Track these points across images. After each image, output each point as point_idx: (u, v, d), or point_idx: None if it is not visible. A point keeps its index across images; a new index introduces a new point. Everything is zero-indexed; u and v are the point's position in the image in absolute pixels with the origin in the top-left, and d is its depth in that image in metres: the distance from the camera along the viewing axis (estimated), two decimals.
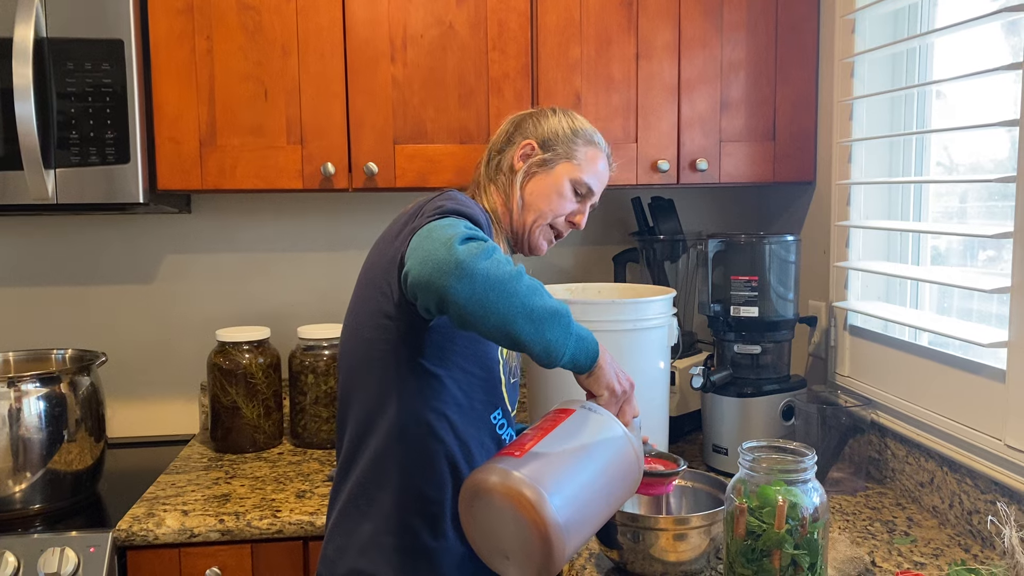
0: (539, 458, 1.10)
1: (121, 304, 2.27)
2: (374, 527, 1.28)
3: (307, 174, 1.90)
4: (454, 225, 1.12)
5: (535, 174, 1.49)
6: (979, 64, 1.62)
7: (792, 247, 1.86)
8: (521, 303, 1.08)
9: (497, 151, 1.53)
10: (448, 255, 1.06)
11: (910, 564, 1.40)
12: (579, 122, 1.54)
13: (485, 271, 1.05)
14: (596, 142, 1.54)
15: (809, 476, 1.14)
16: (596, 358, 1.18)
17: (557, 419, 1.19)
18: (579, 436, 1.16)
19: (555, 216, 1.49)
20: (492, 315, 1.07)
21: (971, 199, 1.72)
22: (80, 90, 1.76)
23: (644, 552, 1.34)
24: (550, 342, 1.10)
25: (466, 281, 1.05)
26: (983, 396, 1.48)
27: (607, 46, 1.96)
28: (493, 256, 1.08)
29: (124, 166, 1.79)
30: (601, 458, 1.15)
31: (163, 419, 2.31)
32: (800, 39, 2.01)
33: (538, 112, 1.55)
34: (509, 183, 1.50)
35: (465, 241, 1.08)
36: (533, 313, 1.08)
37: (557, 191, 1.48)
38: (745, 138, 2.02)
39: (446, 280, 1.05)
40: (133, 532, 1.63)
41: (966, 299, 1.71)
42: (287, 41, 1.88)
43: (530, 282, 1.11)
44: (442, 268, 1.05)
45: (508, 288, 1.07)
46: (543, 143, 1.50)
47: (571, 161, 1.50)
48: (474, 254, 1.06)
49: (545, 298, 1.11)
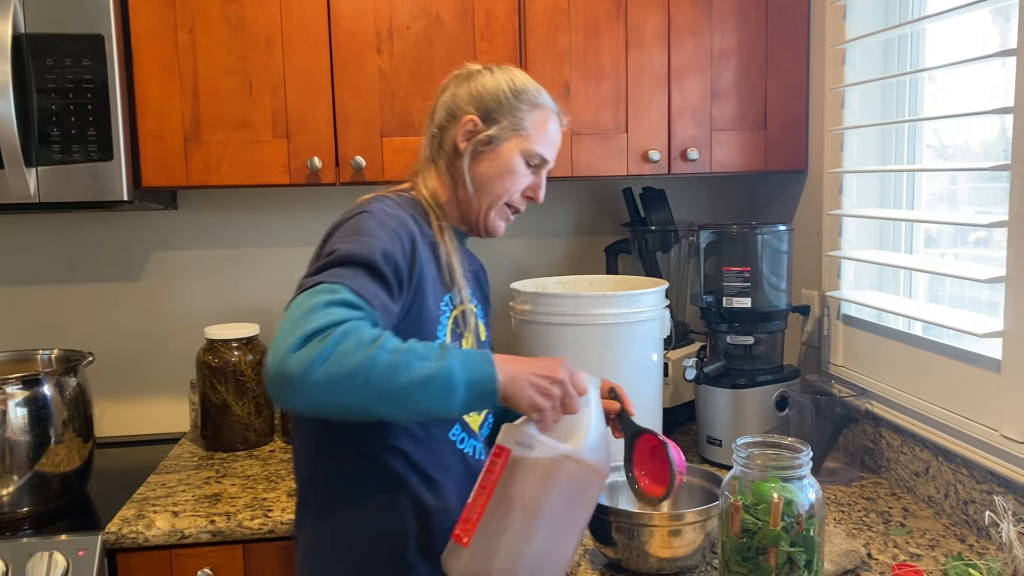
0: (484, 541, 1.08)
1: (108, 303, 2.25)
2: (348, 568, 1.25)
3: (294, 169, 1.88)
4: (309, 312, 1.02)
5: (482, 154, 1.35)
6: (970, 50, 1.61)
7: (784, 236, 1.85)
8: (375, 392, 1.00)
9: (439, 128, 1.40)
10: (281, 367, 0.98)
11: (906, 556, 1.39)
12: (520, 80, 1.39)
13: (324, 378, 0.97)
14: (542, 103, 1.39)
15: (804, 472, 1.13)
16: (495, 392, 1.07)
17: (493, 474, 1.11)
18: (518, 491, 1.09)
19: (510, 196, 1.38)
20: (349, 412, 1.02)
21: (962, 181, 1.72)
22: (61, 86, 1.73)
23: (639, 548, 1.33)
24: (428, 409, 1.04)
25: (304, 395, 0.99)
26: (978, 385, 1.47)
27: (596, 35, 1.94)
28: (337, 349, 0.99)
29: (108, 163, 1.76)
30: (547, 504, 1.10)
31: (152, 418, 2.28)
32: (790, 26, 1.99)
33: (474, 74, 1.39)
34: (454, 165, 1.37)
35: (305, 341, 0.99)
36: (394, 395, 1.01)
37: (508, 169, 1.36)
38: (736, 127, 2.00)
39: (283, 397, 1.00)
40: (123, 534, 1.61)
41: (958, 285, 1.70)
42: (271, 34, 1.85)
43: (388, 361, 1.01)
44: (276, 383, 0.99)
45: (355, 383, 0.99)
46: (486, 116, 1.35)
47: (519, 132, 1.36)
48: (308, 361, 0.97)
49: (410, 369, 1.02)
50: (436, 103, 1.42)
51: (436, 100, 1.43)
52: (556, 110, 1.42)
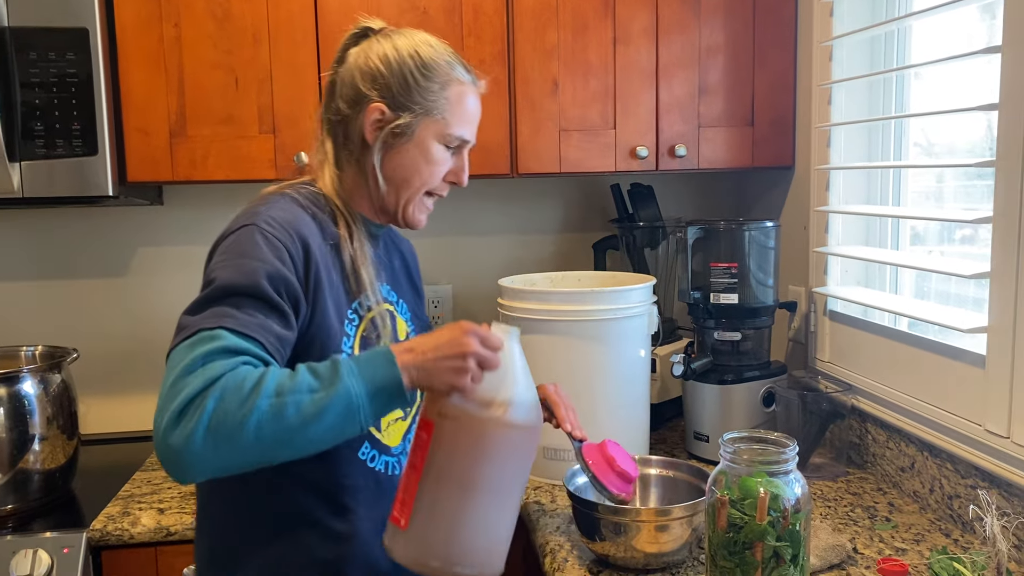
0: (423, 520, 1.05)
1: (93, 299, 2.23)
2: None
3: (280, 164, 1.87)
4: (184, 374, 0.95)
5: (393, 146, 1.22)
6: (956, 46, 1.61)
7: (771, 233, 1.85)
8: (270, 442, 0.94)
9: (339, 115, 1.24)
10: (164, 448, 0.93)
11: (891, 550, 1.40)
12: (427, 52, 1.22)
13: (210, 446, 0.92)
14: (456, 77, 1.24)
15: (790, 467, 1.13)
16: (403, 391, 1.00)
17: (421, 449, 1.06)
18: (449, 464, 1.05)
19: (430, 185, 1.26)
20: (252, 466, 0.97)
21: (948, 179, 1.72)
22: (45, 80, 1.72)
23: (626, 544, 1.33)
24: (336, 437, 0.98)
25: (196, 467, 0.94)
26: (963, 381, 1.48)
27: (584, 31, 1.94)
28: (215, 413, 0.92)
29: (92, 158, 1.75)
30: (481, 471, 1.05)
31: (138, 415, 2.27)
32: (778, 22, 1.99)
33: (374, 43, 1.23)
34: (363, 158, 1.23)
35: (180, 414, 0.93)
36: (292, 439, 0.95)
37: (425, 159, 1.23)
38: (724, 123, 2.00)
39: (177, 474, 0.95)
40: (108, 532, 1.60)
41: (943, 282, 1.71)
42: (257, 29, 1.84)
43: (272, 407, 0.94)
44: (166, 462, 0.94)
45: (244, 442, 0.93)
46: (393, 101, 1.20)
47: (432, 117, 1.22)
48: (187, 435, 0.92)
49: (300, 408, 0.95)
50: (332, 76, 1.26)
51: (332, 70, 1.27)
52: (472, 80, 1.27)
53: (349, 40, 1.27)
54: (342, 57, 1.26)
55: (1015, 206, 1.32)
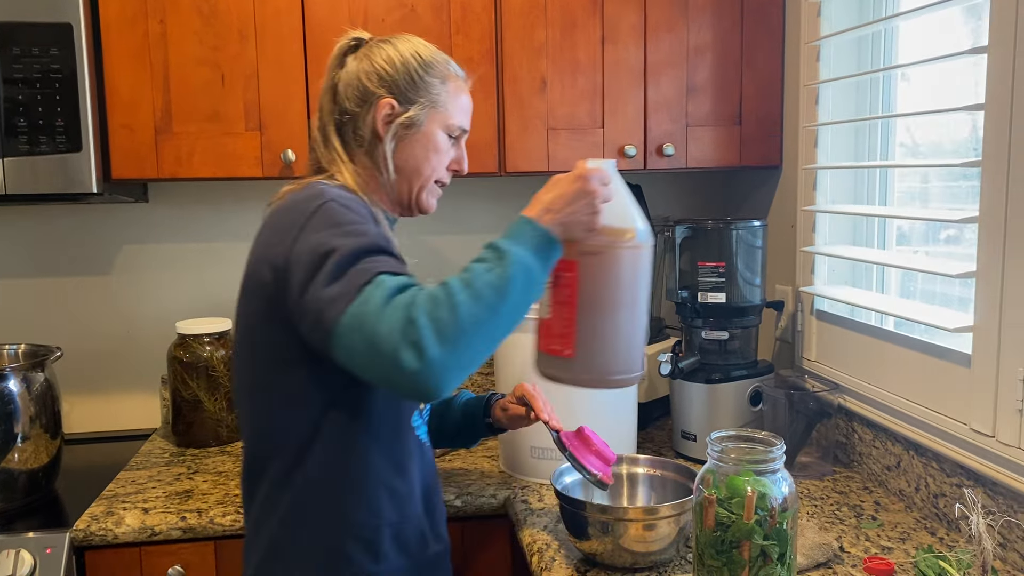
0: (583, 346, 1.19)
1: (76, 297, 2.21)
2: (315, 567, 1.22)
3: (267, 161, 1.86)
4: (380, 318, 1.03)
5: (404, 137, 1.31)
6: (943, 47, 1.62)
7: (759, 232, 1.85)
8: (485, 327, 1.05)
9: (347, 115, 1.32)
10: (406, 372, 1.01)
11: (877, 548, 1.41)
12: (426, 52, 1.34)
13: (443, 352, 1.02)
14: (451, 72, 1.35)
15: (778, 466, 1.13)
16: (554, 241, 1.13)
17: (570, 287, 1.20)
18: (598, 292, 1.19)
19: (438, 173, 1.36)
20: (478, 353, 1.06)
21: (933, 179, 1.73)
22: (28, 76, 1.70)
23: (614, 542, 1.33)
24: (525, 299, 1.10)
25: (443, 375, 1.03)
26: (949, 380, 1.48)
27: (572, 29, 1.93)
28: (431, 321, 1.02)
29: (76, 154, 1.73)
30: (624, 293, 1.20)
31: (123, 414, 2.25)
32: (766, 22, 2.00)
33: (373, 48, 1.33)
34: (374, 151, 1.32)
35: (403, 342, 1.01)
36: (496, 313, 1.06)
37: (434, 148, 1.33)
38: (712, 122, 2.01)
39: (431, 388, 1.03)
40: (91, 532, 1.59)
41: (930, 282, 1.72)
42: (244, 25, 1.83)
43: (468, 297, 1.04)
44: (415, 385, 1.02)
45: (466, 333, 1.03)
46: (401, 96, 1.30)
47: (436, 108, 1.32)
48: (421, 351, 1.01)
49: (490, 286, 1.06)
50: (333, 80, 1.34)
51: (331, 76, 1.35)
52: (464, 76, 1.39)
53: (347, 48, 1.35)
54: (340, 63, 1.34)
55: (1000, 206, 1.33)
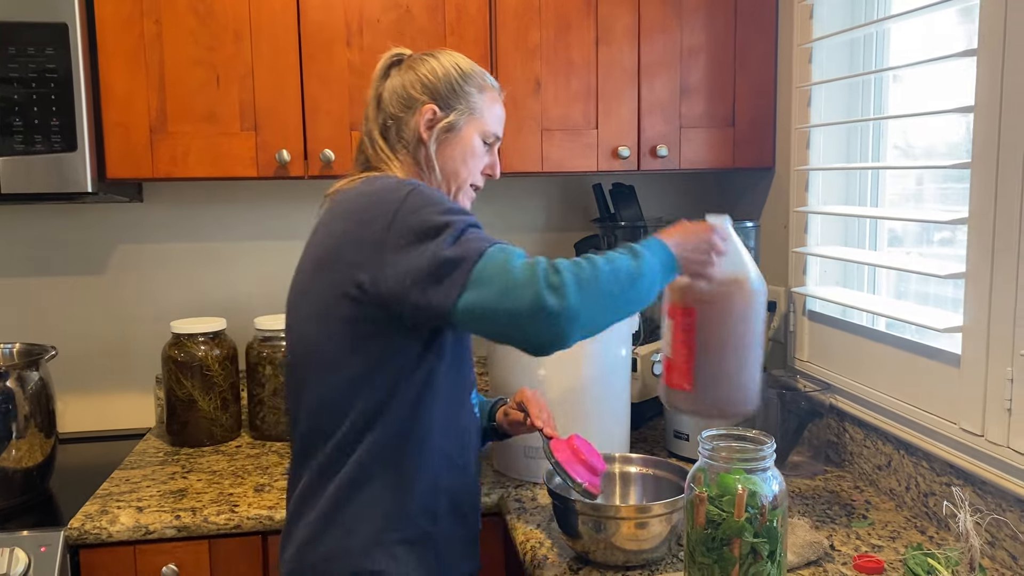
0: (701, 380, 1.31)
1: (72, 296, 2.21)
2: (375, 527, 1.27)
3: (262, 162, 1.86)
4: (514, 270, 1.13)
5: (444, 141, 1.40)
6: (935, 49, 1.63)
7: (751, 233, 1.86)
8: (620, 298, 1.16)
9: (391, 120, 1.42)
10: (544, 311, 1.10)
11: (868, 547, 1.42)
12: (465, 64, 1.44)
13: (582, 302, 1.12)
14: (487, 83, 1.45)
15: (768, 464, 1.14)
16: (676, 268, 1.24)
17: (689, 330, 1.32)
18: (717, 333, 1.31)
19: (474, 177, 1.45)
20: (605, 319, 1.17)
21: (927, 181, 1.74)
22: (24, 75, 1.70)
23: (606, 541, 1.34)
24: (647, 296, 1.20)
25: (576, 322, 1.12)
26: (938, 380, 1.50)
27: (567, 30, 1.94)
28: (576, 276, 1.12)
29: (72, 154, 1.73)
30: (741, 334, 1.32)
31: (117, 413, 2.26)
32: (759, 24, 2.01)
33: (417, 61, 1.43)
34: (417, 154, 1.41)
35: (547, 286, 1.10)
36: (628, 295, 1.17)
37: (471, 152, 1.42)
38: (705, 124, 2.02)
39: (561, 334, 1.12)
40: (86, 530, 1.59)
41: (923, 283, 1.73)
42: (239, 25, 1.83)
43: (610, 270, 1.15)
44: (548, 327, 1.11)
45: (604, 297, 1.14)
46: (443, 102, 1.40)
47: (474, 115, 1.42)
48: (564, 296, 1.10)
49: (628, 270, 1.17)
50: (378, 90, 1.44)
51: (375, 88, 1.44)
52: (498, 88, 1.48)
53: (390, 63, 1.45)
54: (385, 75, 1.44)
55: (990, 207, 1.34)
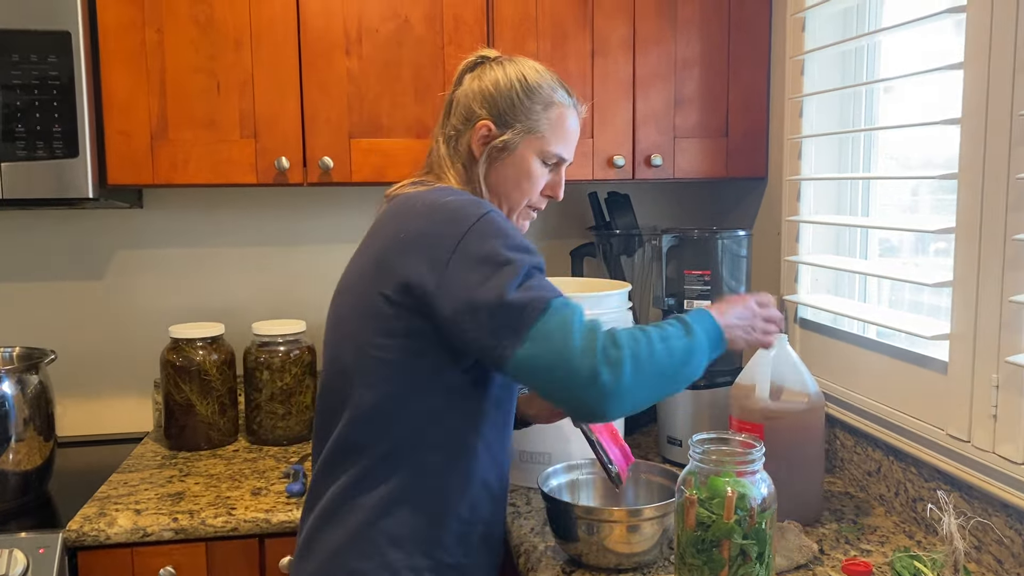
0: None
1: (71, 301, 2.23)
2: (406, 552, 1.22)
3: (261, 168, 1.89)
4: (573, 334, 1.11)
5: (497, 159, 1.34)
6: (925, 61, 1.66)
7: (743, 242, 1.89)
8: (669, 378, 1.16)
9: (455, 130, 1.38)
10: (595, 386, 1.09)
11: (857, 551, 1.44)
12: (533, 76, 1.36)
13: (635, 382, 1.11)
14: (557, 100, 1.36)
15: (757, 467, 1.17)
16: (723, 340, 1.23)
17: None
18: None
19: (529, 198, 1.38)
20: (652, 396, 1.17)
21: (922, 193, 1.76)
22: (26, 82, 1.72)
23: (599, 544, 1.36)
24: (693, 375, 1.20)
25: (626, 399, 1.11)
26: (927, 387, 1.52)
27: (563, 42, 1.97)
28: (633, 355, 1.12)
29: (73, 160, 1.75)
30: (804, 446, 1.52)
31: (116, 417, 2.27)
32: (752, 37, 2.04)
33: (485, 69, 1.37)
34: (471, 170, 1.36)
35: (604, 359, 1.10)
36: (677, 372, 1.16)
37: (526, 174, 1.35)
38: (699, 134, 2.05)
39: (607, 409, 1.11)
40: (84, 532, 1.61)
41: (916, 292, 1.75)
42: (240, 34, 1.86)
43: (664, 349, 1.15)
44: (598, 399, 1.11)
45: (654, 378, 1.14)
46: (499, 119, 1.33)
47: (534, 135, 1.34)
48: (618, 373, 1.10)
49: (680, 349, 1.16)
50: (452, 95, 1.40)
51: (451, 93, 1.41)
52: (572, 103, 1.39)
53: (466, 67, 1.40)
54: (459, 80, 1.40)
55: (975, 217, 1.37)
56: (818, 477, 1.57)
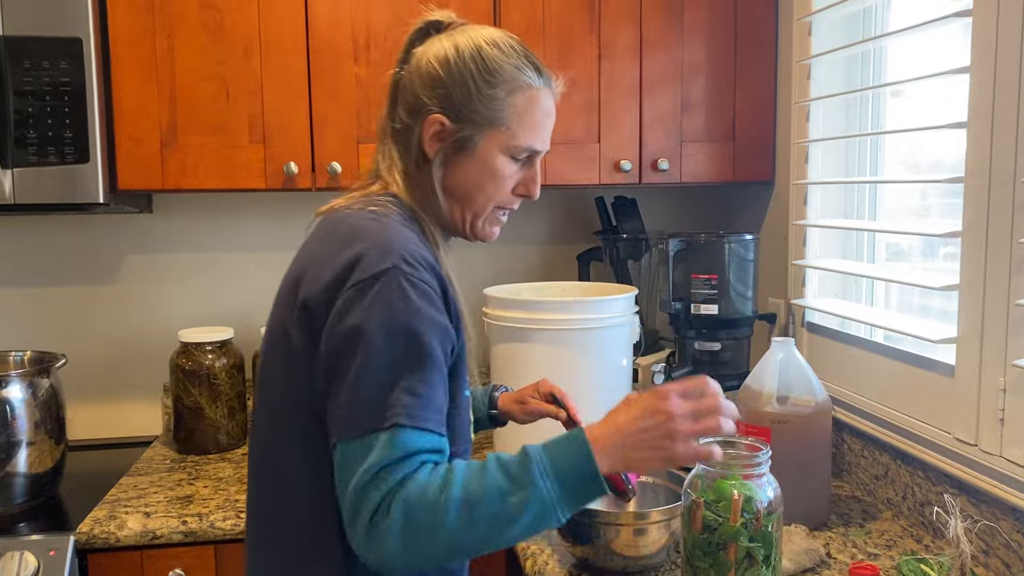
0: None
1: (82, 305, 2.25)
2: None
3: (270, 174, 1.90)
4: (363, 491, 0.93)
5: (455, 160, 1.11)
6: (931, 65, 1.66)
7: (751, 246, 1.89)
8: (464, 549, 0.95)
9: (400, 126, 1.14)
10: (364, 551, 0.95)
11: (864, 555, 1.44)
12: (492, 54, 1.09)
13: (406, 556, 0.93)
14: (523, 83, 1.11)
15: (764, 470, 1.17)
16: (599, 478, 0.96)
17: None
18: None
19: (497, 201, 1.15)
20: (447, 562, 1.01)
21: (932, 196, 1.76)
22: (38, 88, 1.74)
23: (605, 547, 1.36)
24: (528, 533, 0.96)
25: (398, 570, 0.95)
26: (934, 391, 1.52)
27: (570, 47, 1.98)
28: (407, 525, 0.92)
29: (84, 165, 1.77)
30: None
31: (125, 421, 2.28)
32: (758, 41, 2.04)
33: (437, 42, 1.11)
34: (422, 172, 1.12)
35: (371, 525, 0.92)
36: (482, 543, 0.95)
37: (490, 174, 1.11)
38: (705, 138, 2.05)
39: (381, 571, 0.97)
40: (94, 535, 1.62)
41: (925, 296, 1.74)
42: (249, 40, 1.87)
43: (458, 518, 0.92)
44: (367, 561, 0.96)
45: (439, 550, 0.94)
46: (453, 111, 1.09)
47: (497, 127, 1.10)
48: (386, 549, 0.92)
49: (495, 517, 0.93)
50: (398, 76, 1.16)
51: (397, 68, 1.16)
52: (544, 82, 1.14)
53: (414, 36, 1.15)
54: (406, 56, 1.15)
55: (982, 221, 1.37)
56: (825, 481, 1.57)
